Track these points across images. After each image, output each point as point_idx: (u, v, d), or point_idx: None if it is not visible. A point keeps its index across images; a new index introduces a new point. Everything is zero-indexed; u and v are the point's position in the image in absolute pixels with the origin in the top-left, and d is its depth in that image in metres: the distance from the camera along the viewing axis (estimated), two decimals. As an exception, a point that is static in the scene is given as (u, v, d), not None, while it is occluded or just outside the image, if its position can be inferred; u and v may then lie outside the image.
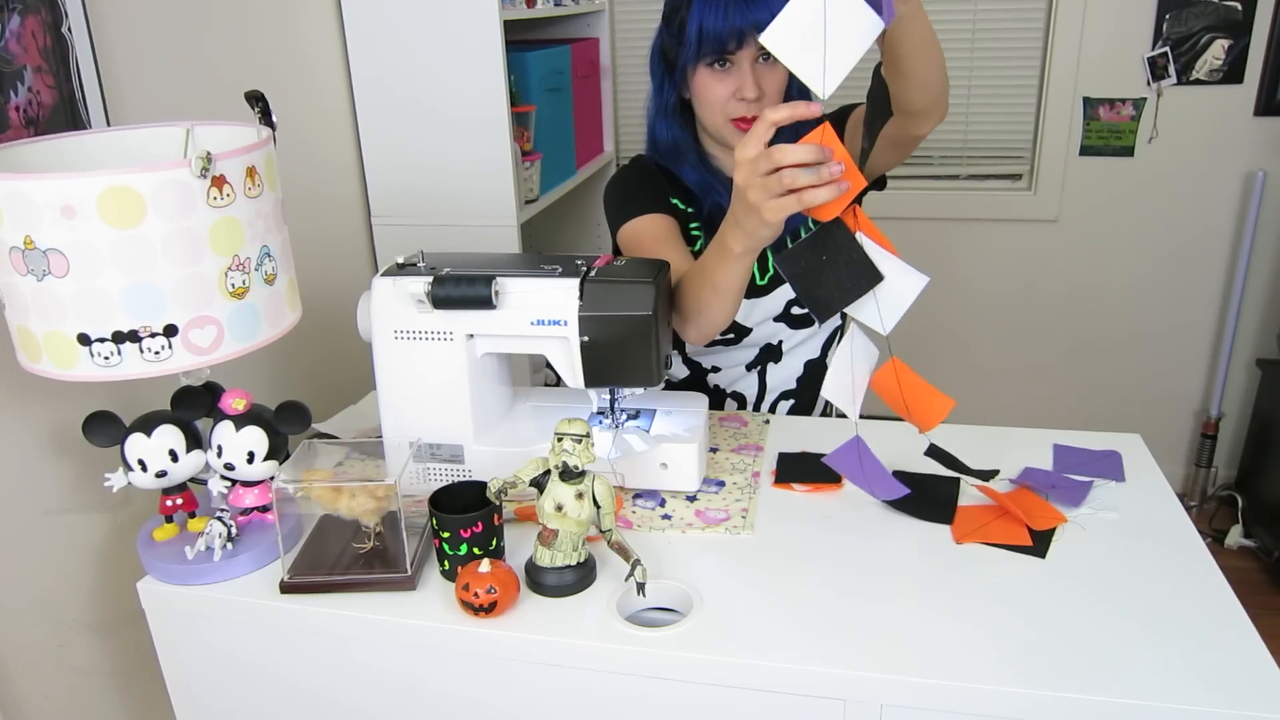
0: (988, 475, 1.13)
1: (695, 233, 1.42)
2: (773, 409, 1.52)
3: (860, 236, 0.95)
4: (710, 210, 1.40)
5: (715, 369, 1.50)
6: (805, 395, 1.53)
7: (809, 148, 0.92)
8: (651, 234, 1.33)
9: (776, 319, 1.45)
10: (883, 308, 0.97)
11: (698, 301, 1.17)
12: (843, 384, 1.02)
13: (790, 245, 0.97)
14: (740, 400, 1.51)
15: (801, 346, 1.50)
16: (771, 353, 1.48)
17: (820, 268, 0.97)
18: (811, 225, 1.05)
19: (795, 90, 1.36)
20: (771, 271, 1.43)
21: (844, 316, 1.55)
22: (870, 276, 0.96)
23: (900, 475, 1.12)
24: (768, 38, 0.90)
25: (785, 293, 1.44)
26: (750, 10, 1.25)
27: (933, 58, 1.14)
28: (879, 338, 0.98)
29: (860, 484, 1.09)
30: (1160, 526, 1.06)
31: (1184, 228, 2.61)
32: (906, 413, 1.02)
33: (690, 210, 1.42)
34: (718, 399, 1.51)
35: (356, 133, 1.93)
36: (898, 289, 0.96)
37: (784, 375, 1.51)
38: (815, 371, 1.52)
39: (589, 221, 2.62)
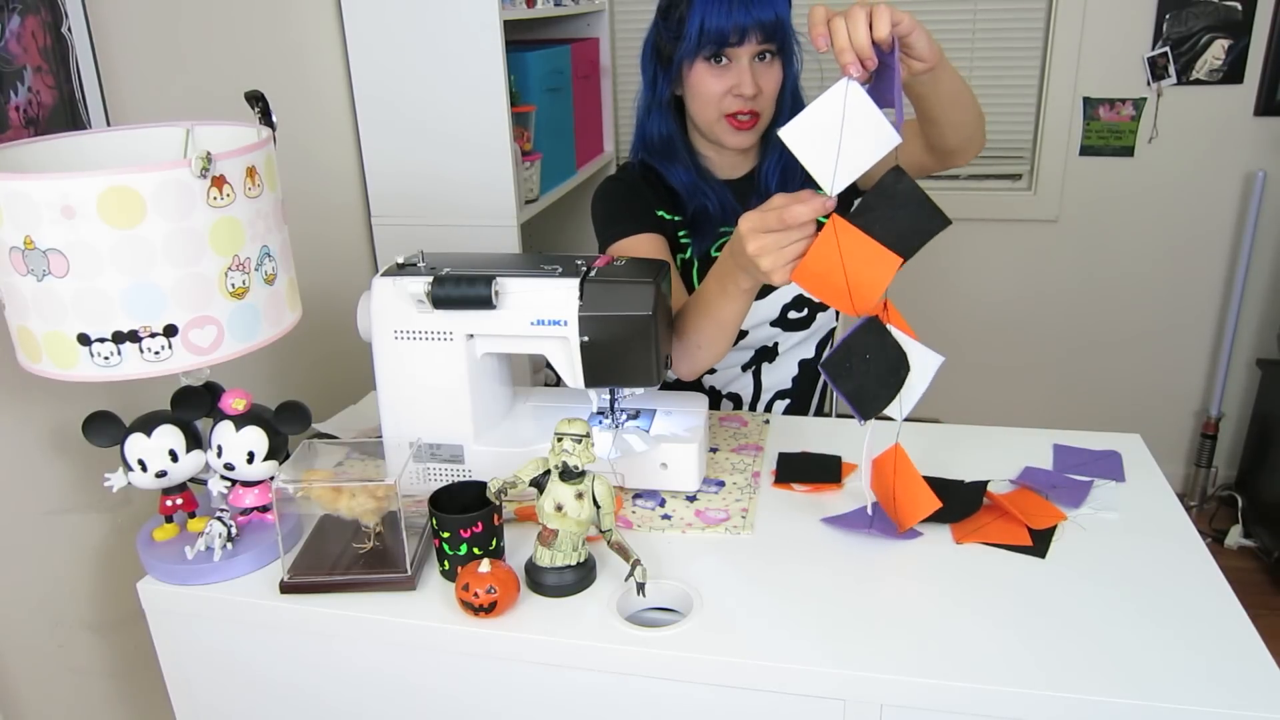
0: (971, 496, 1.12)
1: (684, 240, 1.41)
2: (768, 409, 1.52)
3: (889, 328, 0.98)
4: (695, 212, 1.39)
5: (711, 370, 1.50)
6: (801, 395, 1.53)
7: (812, 205, 0.94)
8: (642, 255, 1.33)
9: (773, 323, 1.45)
10: (901, 395, 0.99)
11: (699, 335, 1.17)
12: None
13: (831, 350, 1.00)
14: (736, 400, 1.51)
15: (797, 348, 1.49)
16: (766, 354, 1.48)
17: (864, 367, 0.99)
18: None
19: (788, 91, 1.35)
20: None
21: (839, 314, 1.55)
22: (904, 367, 0.98)
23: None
24: (786, 133, 0.93)
25: (781, 297, 1.43)
26: (754, 8, 1.25)
27: (962, 103, 1.16)
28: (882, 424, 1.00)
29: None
30: (1160, 526, 1.06)
31: (1184, 228, 2.61)
32: (892, 504, 1.03)
33: (677, 219, 1.41)
34: (713, 399, 1.51)
35: (356, 133, 1.93)
36: (915, 374, 0.99)
37: (779, 375, 1.51)
38: (810, 371, 1.52)
39: (589, 221, 2.61)
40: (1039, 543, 1.03)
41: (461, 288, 1.06)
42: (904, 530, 1.05)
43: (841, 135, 0.91)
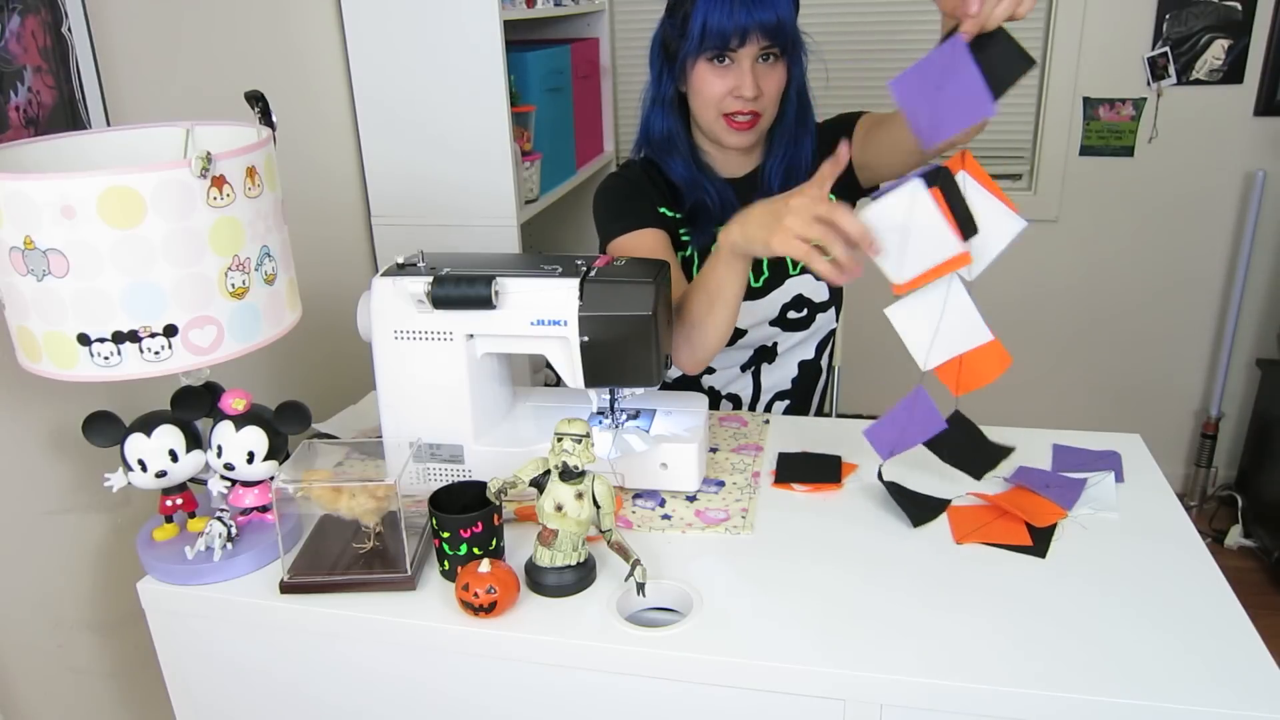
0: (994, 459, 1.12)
1: (685, 237, 1.41)
2: (768, 409, 1.52)
3: (963, 175, 0.95)
4: (694, 206, 1.39)
5: (710, 370, 1.50)
6: (800, 396, 1.53)
7: (862, 229, 0.96)
8: (644, 251, 1.34)
9: (772, 323, 1.45)
10: (973, 253, 0.97)
11: (694, 314, 1.18)
12: (924, 330, 1.02)
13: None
14: (735, 401, 1.51)
15: (796, 348, 1.49)
16: (766, 354, 1.48)
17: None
18: None
19: (794, 93, 1.36)
20: (767, 274, 1.43)
21: (839, 315, 1.55)
22: (970, 228, 0.97)
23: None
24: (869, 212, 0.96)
25: (780, 296, 1.43)
26: (755, 9, 1.25)
27: None
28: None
29: (902, 439, 1.08)
30: (1160, 526, 1.06)
31: (1184, 228, 2.61)
32: (957, 366, 1.02)
33: (679, 216, 1.41)
34: (713, 400, 1.51)
35: (356, 133, 1.93)
36: (990, 235, 0.96)
37: (779, 376, 1.50)
38: (810, 372, 1.52)
39: (589, 221, 2.61)
40: (1039, 543, 1.03)
41: (461, 288, 1.06)
42: (960, 394, 1.02)
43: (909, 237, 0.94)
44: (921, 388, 1.05)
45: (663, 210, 1.40)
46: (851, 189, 1.46)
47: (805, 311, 1.45)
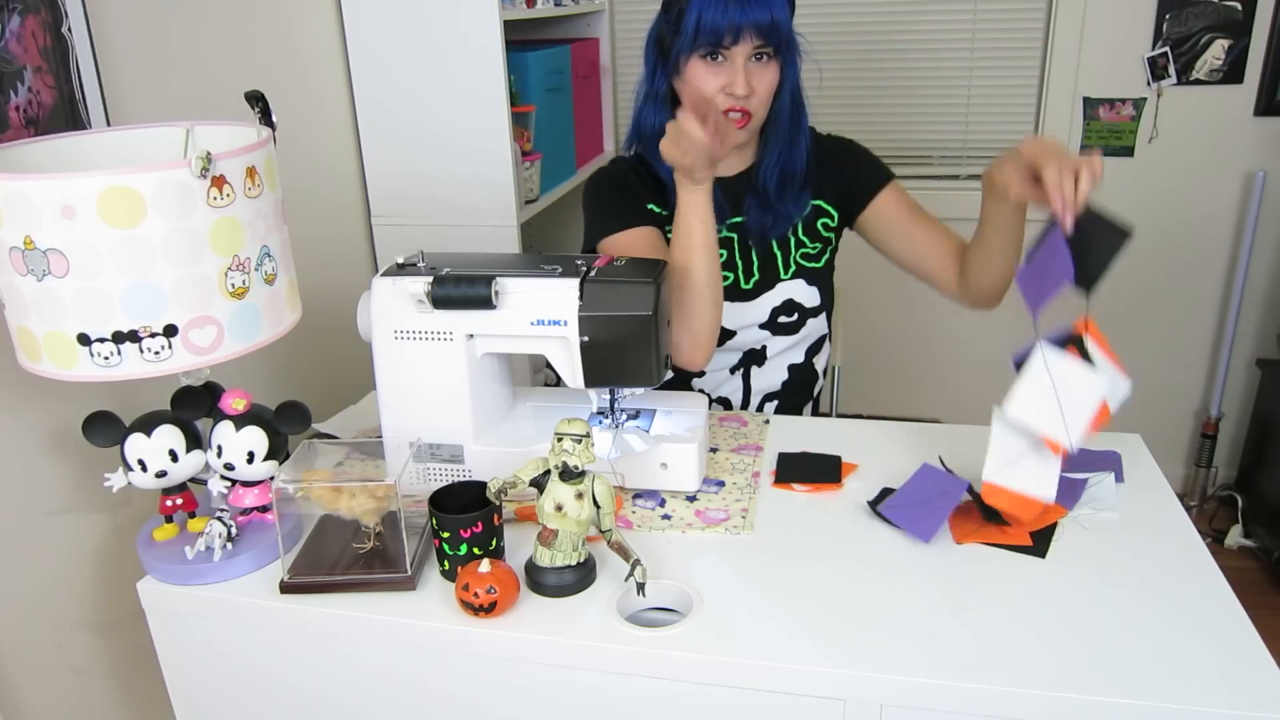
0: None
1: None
2: (759, 410, 1.52)
3: (1087, 339, 1.05)
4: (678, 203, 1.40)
5: (700, 373, 1.49)
6: (791, 398, 1.53)
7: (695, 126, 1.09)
8: (636, 249, 1.34)
9: (761, 326, 1.44)
10: (1067, 417, 1.03)
11: (677, 268, 1.19)
12: (1009, 452, 1.06)
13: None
14: (726, 404, 1.51)
15: (786, 352, 1.49)
16: (755, 356, 1.48)
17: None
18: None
19: (786, 92, 1.35)
20: (757, 276, 1.43)
21: (830, 320, 1.54)
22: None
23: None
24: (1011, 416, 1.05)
25: (770, 300, 1.43)
26: (749, 8, 1.25)
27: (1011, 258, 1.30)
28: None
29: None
30: (1160, 526, 1.06)
31: (1184, 228, 2.61)
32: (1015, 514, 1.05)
33: (666, 214, 1.41)
34: None
35: (356, 133, 1.93)
36: (1088, 395, 1.04)
37: (769, 379, 1.50)
38: (800, 375, 1.52)
39: (589, 221, 2.62)
40: (1039, 543, 1.03)
41: (461, 288, 1.06)
42: (966, 541, 1.04)
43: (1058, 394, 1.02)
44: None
45: (651, 207, 1.40)
46: (848, 215, 1.46)
47: (795, 316, 1.45)
